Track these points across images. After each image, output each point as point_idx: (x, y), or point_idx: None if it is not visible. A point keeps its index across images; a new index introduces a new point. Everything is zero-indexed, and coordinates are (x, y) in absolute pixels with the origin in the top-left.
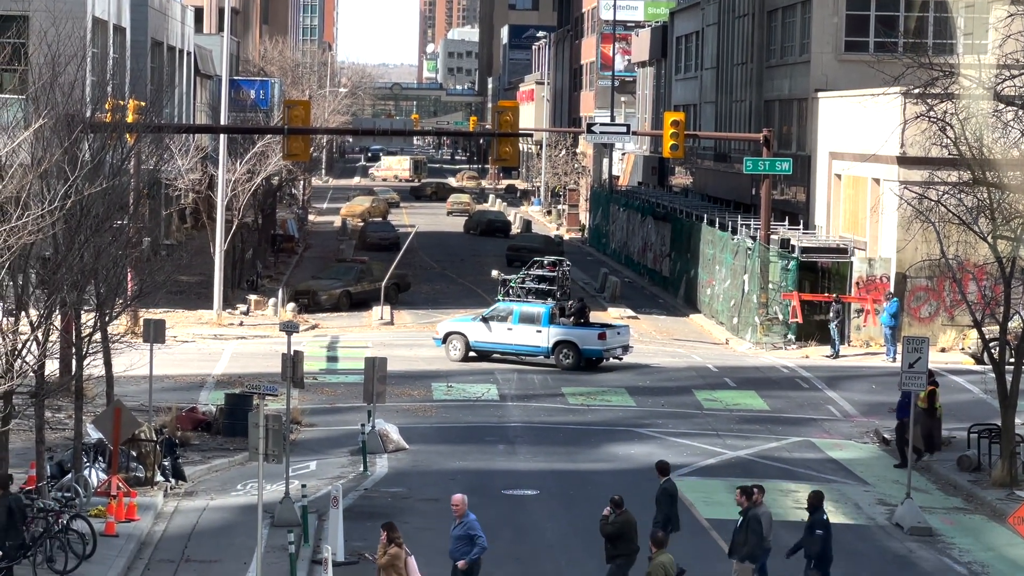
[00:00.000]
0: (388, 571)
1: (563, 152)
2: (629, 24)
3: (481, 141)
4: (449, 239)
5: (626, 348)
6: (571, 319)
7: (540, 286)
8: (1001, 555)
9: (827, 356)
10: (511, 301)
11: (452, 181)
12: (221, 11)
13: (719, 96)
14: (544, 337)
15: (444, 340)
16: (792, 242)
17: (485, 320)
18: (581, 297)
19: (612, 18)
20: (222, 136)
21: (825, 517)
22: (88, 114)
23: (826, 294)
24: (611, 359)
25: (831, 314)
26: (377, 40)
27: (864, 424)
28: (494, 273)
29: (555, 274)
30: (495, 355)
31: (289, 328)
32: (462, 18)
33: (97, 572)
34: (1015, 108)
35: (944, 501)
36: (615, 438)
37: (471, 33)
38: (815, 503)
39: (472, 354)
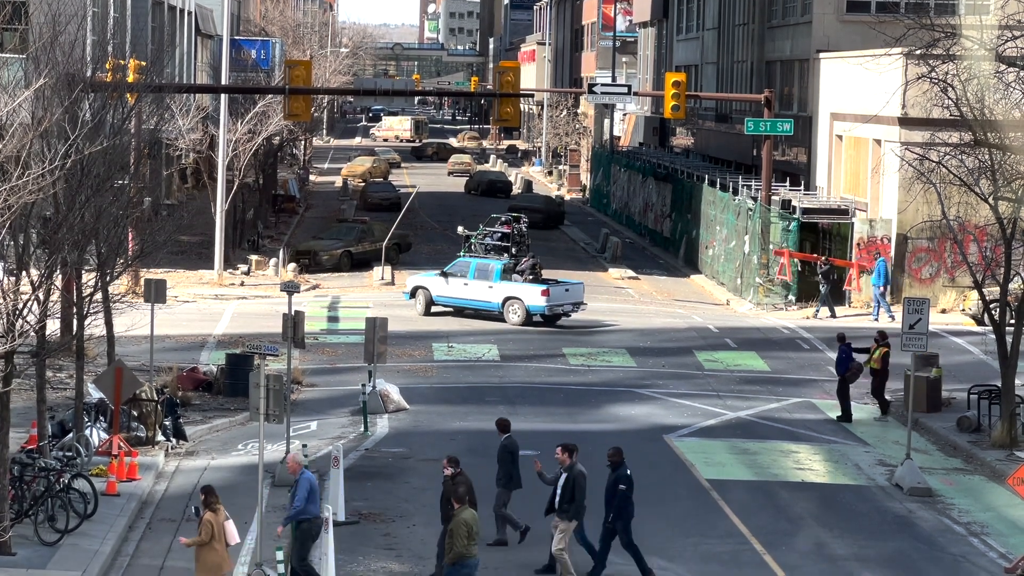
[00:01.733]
0: (207, 542)
1: (564, 113)
2: None
3: (482, 101)
4: (450, 199)
5: (577, 305)
6: (522, 276)
7: (498, 243)
8: (1000, 515)
9: (818, 317)
10: (472, 257)
11: (453, 141)
12: None
13: (720, 57)
14: (495, 293)
15: (412, 294)
16: (793, 203)
17: (444, 275)
18: (534, 254)
19: None
20: (223, 96)
21: (628, 472)
22: (89, 74)
23: (815, 254)
24: (563, 316)
25: (819, 276)
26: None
27: (865, 385)
28: (459, 229)
29: (511, 231)
30: (452, 309)
31: (290, 288)
32: None
33: (98, 531)
34: (1017, 69)
35: (944, 462)
36: (616, 399)
37: None
38: (618, 459)
39: (435, 308)
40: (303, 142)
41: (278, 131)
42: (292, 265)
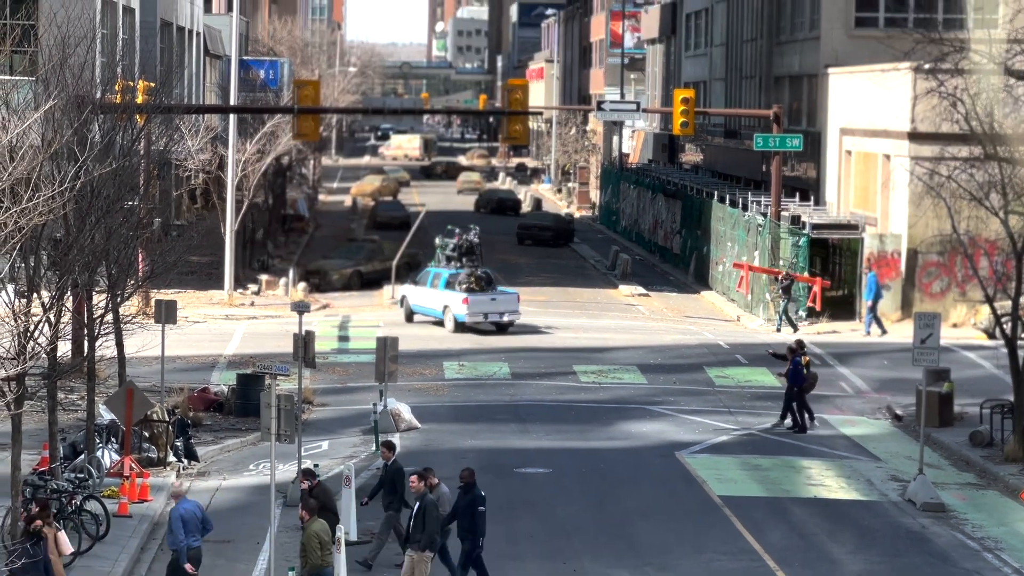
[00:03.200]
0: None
1: (573, 130)
2: (638, 1)
3: (491, 119)
4: (460, 218)
5: (503, 314)
6: (463, 285)
7: (451, 253)
8: (1014, 530)
9: (780, 332)
10: (436, 267)
11: (462, 160)
12: None
13: (729, 73)
14: (438, 301)
15: (400, 302)
16: (803, 218)
17: (415, 283)
18: (474, 264)
19: None
20: (232, 116)
21: (483, 493)
22: (98, 95)
23: (776, 269)
24: (505, 324)
25: (779, 290)
26: (386, 19)
27: (876, 400)
28: (436, 240)
29: (459, 242)
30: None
31: (300, 308)
32: None
33: (111, 553)
34: None
35: (957, 477)
36: (627, 416)
37: (480, 11)
38: (471, 480)
39: (416, 316)
40: (312, 161)
41: (287, 151)
42: (302, 285)
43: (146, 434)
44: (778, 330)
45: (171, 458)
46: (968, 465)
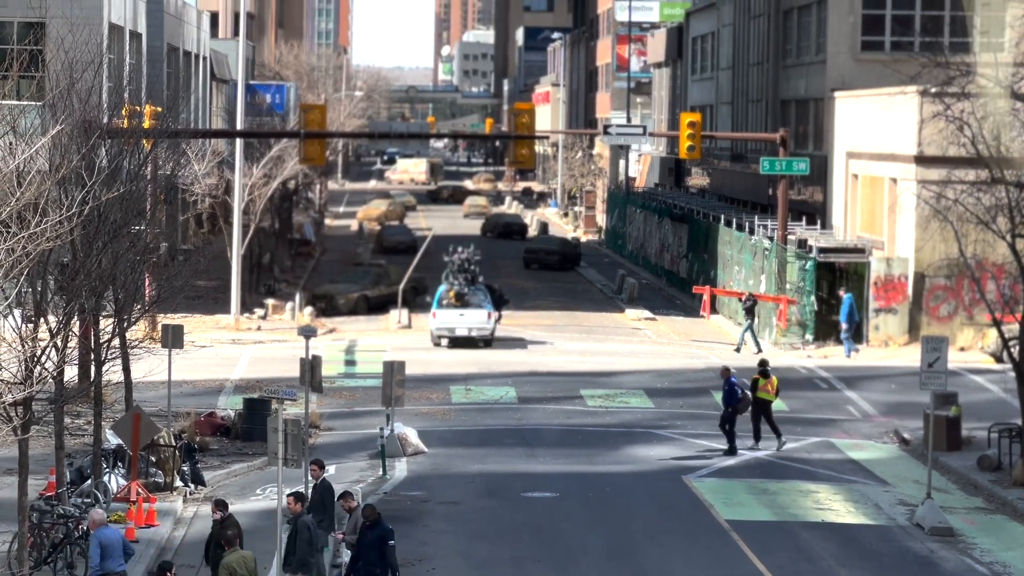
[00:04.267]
0: None
1: (579, 154)
2: (644, 25)
3: (497, 143)
4: (466, 242)
5: (470, 329)
6: (443, 301)
7: (454, 271)
8: (1023, 554)
9: (739, 352)
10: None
11: (469, 184)
12: (236, 16)
13: (735, 96)
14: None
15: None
16: (810, 242)
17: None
18: (454, 278)
19: (627, 19)
20: (238, 141)
21: (391, 527)
22: (105, 120)
23: (738, 290)
24: (480, 340)
25: (743, 311)
26: (392, 43)
27: (884, 424)
28: (445, 259)
29: (457, 260)
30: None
31: (307, 332)
32: (477, 20)
33: None
34: None
35: (965, 501)
36: (634, 440)
37: (486, 35)
38: (375, 516)
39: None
40: (318, 186)
41: (293, 175)
42: (309, 309)
43: (153, 459)
44: (737, 350)
45: (178, 483)
46: (976, 489)
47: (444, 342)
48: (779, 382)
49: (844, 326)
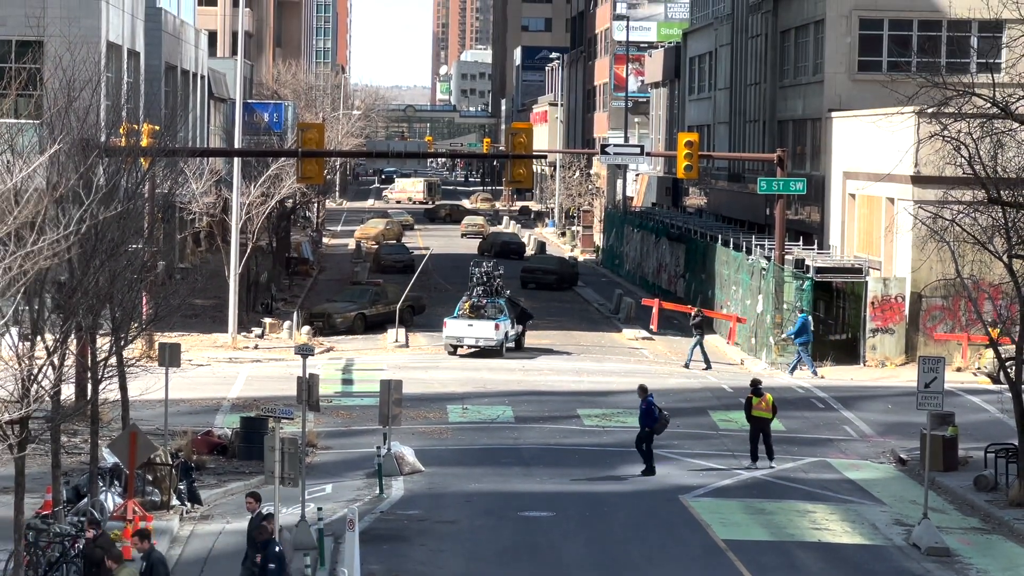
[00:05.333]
0: None
1: (577, 173)
2: (642, 45)
3: (495, 163)
4: (464, 261)
5: (477, 340)
6: (459, 312)
7: (474, 283)
8: (1019, 575)
9: (689, 367)
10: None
11: (466, 203)
12: (234, 35)
13: (733, 116)
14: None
15: None
16: (807, 262)
17: None
18: (470, 293)
19: (625, 39)
20: (236, 159)
21: (278, 549)
22: (103, 139)
23: (688, 306)
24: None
25: (691, 327)
26: (390, 62)
27: (880, 444)
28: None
29: (478, 274)
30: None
31: (304, 351)
32: (475, 40)
33: None
34: None
35: (961, 521)
36: (631, 459)
37: (484, 55)
38: (266, 537)
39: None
40: (316, 204)
41: (291, 194)
42: (306, 328)
43: (149, 477)
44: (686, 366)
45: (174, 502)
46: (973, 509)
47: (459, 351)
48: (775, 401)
49: (793, 339)
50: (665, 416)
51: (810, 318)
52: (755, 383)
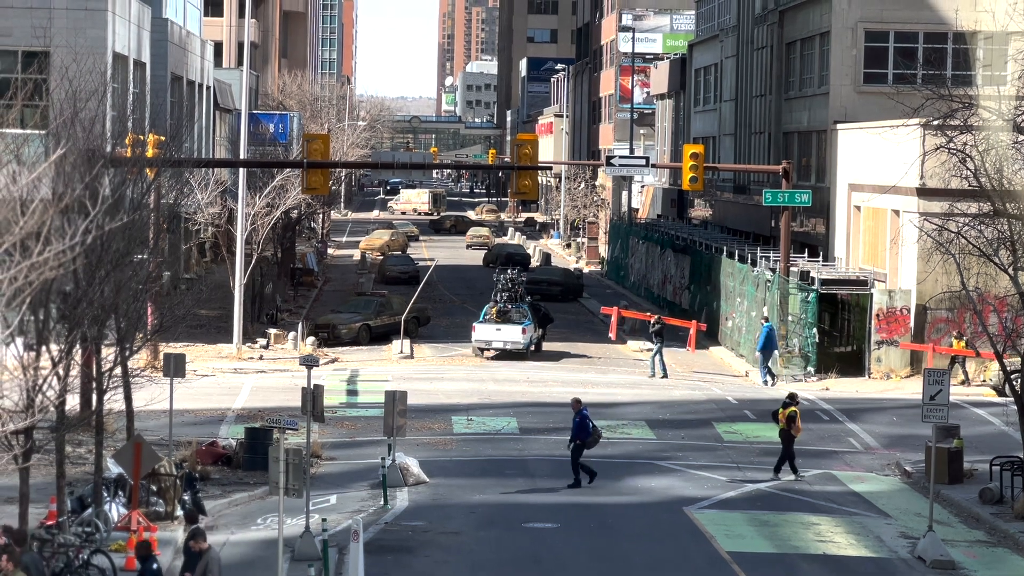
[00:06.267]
0: None
1: (582, 185)
2: (648, 56)
3: (500, 174)
4: (468, 272)
5: (505, 343)
6: (486, 316)
7: (500, 288)
8: None
9: (653, 377)
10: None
11: (471, 214)
12: (240, 45)
13: (738, 128)
14: None
15: None
16: (812, 274)
17: None
18: (496, 298)
19: (631, 51)
20: (241, 170)
21: (156, 566)
22: (108, 149)
23: (648, 313)
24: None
25: (651, 335)
26: (396, 73)
27: (886, 456)
28: (495, 277)
29: (503, 279)
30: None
31: (309, 362)
32: (480, 51)
33: None
34: None
35: (966, 534)
36: (635, 471)
37: (490, 66)
38: (145, 552)
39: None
40: (321, 215)
41: (296, 205)
42: (311, 339)
43: (154, 488)
44: (652, 375)
45: (179, 512)
46: (978, 522)
47: (487, 353)
48: (792, 414)
49: (758, 355)
50: (598, 431)
51: (775, 328)
52: (791, 396)
